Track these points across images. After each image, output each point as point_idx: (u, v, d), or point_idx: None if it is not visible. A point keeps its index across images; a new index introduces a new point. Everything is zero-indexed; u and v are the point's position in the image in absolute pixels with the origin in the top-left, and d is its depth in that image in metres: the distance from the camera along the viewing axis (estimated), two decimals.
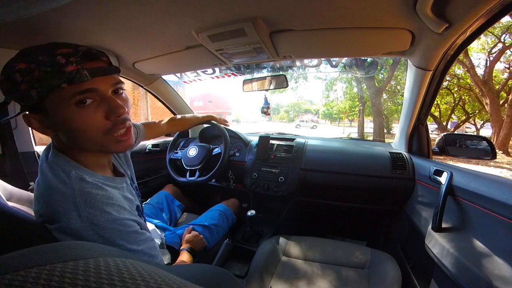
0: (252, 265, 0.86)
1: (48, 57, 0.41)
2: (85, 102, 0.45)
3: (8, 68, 0.42)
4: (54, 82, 0.41)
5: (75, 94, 0.43)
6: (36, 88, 0.41)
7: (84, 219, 0.44)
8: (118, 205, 0.49)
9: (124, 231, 0.48)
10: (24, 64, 0.41)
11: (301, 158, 1.24)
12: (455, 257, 0.60)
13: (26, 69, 0.41)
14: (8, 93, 0.44)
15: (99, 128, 0.47)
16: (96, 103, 0.46)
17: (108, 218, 0.46)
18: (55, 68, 0.41)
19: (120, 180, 0.58)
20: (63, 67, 0.41)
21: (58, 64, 0.41)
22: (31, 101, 0.43)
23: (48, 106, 0.44)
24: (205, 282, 0.38)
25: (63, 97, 0.43)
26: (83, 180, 0.48)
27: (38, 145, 1.08)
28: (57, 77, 0.41)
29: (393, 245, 1.14)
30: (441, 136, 1.08)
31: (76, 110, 0.44)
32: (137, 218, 0.54)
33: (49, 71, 0.41)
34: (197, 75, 1.42)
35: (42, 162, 0.52)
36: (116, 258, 0.19)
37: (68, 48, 0.43)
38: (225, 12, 0.66)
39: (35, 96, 0.42)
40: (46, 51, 0.42)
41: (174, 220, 1.19)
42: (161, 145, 1.61)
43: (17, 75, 0.41)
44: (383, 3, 0.60)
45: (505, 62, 7.64)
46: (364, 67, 2.78)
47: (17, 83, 0.41)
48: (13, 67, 0.41)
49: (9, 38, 0.77)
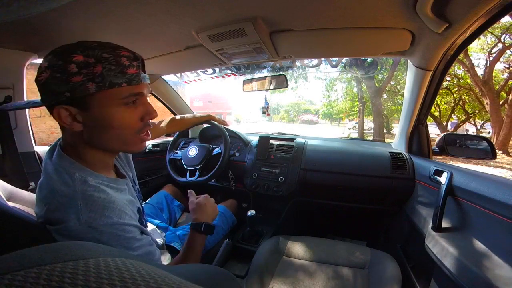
0: (252, 265, 0.86)
1: (113, 56, 0.44)
2: (134, 102, 0.49)
3: (60, 57, 0.42)
4: (117, 80, 0.44)
5: (130, 94, 0.47)
6: (97, 82, 0.43)
7: (83, 222, 0.44)
8: (119, 209, 0.49)
9: (122, 236, 0.48)
10: (82, 57, 0.42)
11: (301, 158, 1.24)
12: (455, 257, 0.60)
13: (83, 62, 0.42)
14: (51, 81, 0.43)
15: (134, 127, 0.51)
16: (137, 104, 0.50)
17: (107, 222, 0.46)
18: (119, 68, 0.44)
19: (122, 182, 0.58)
20: (126, 68, 0.45)
21: (122, 65, 0.45)
22: (81, 93, 0.43)
23: (95, 101, 0.45)
24: (205, 282, 0.38)
25: (119, 95, 0.46)
26: (86, 183, 0.48)
27: (38, 145, 1.08)
28: (121, 76, 0.45)
29: (393, 245, 1.14)
30: (441, 136, 1.08)
31: (123, 108, 0.48)
32: (137, 223, 0.54)
33: (113, 69, 0.44)
34: (197, 75, 1.42)
35: (46, 163, 0.52)
36: (116, 258, 0.19)
37: (128, 52, 0.47)
38: (225, 12, 0.66)
39: (92, 90, 0.43)
40: (110, 50, 0.45)
41: (173, 220, 1.19)
42: (161, 145, 1.62)
43: (72, 66, 0.42)
44: (383, 3, 0.60)
45: (505, 62, 7.64)
46: (364, 67, 2.78)
47: (70, 73, 0.42)
48: (69, 58, 0.42)
49: (9, 38, 0.77)
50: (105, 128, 0.48)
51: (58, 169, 0.48)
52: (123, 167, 0.67)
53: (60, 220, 0.45)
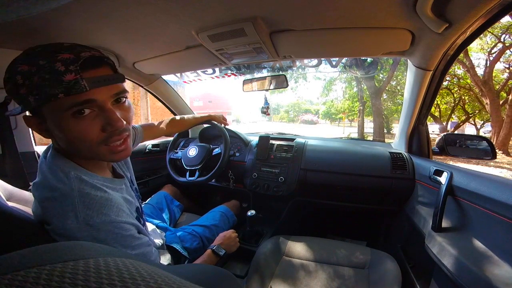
0: (252, 265, 0.86)
1: (48, 62, 0.39)
2: (83, 112, 0.42)
3: (11, 68, 0.41)
4: (51, 91, 0.39)
5: (72, 105, 0.41)
6: (34, 95, 0.39)
7: (80, 220, 0.44)
8: (117, 207, 0.49)
9: (120, 234, 0.47)
10: (26, 66, 0.39)
11: (301, 158, 1.24)
12: (455, 257, 0.60)
13: (27, 72, 0.39)
14: (9, 93, 0.43)
15: (93, 139, 0.45)
16: (94, 113, 0.44)
17: (104, 220, 0.46)
18: (54, 76, 0.39)
19: (119, 181, 0.57)
20: (62, 75, 0.39)
21: (56, 72, 0.39)
22: (29, 106, 0.41)
23: (45, 112, 0.43)
24: (205, 282, 0.38)
25: (60, 107, 0.41)
26: (82, 181, 0.47)
27: (38, 145, 1.08)
28: (55, 86, 0.39)
29: (393, 245, 1.14)
30: (441, 136, 1.08)
31: (72, 120, 0.42)
32: (135, 221, 0.53)
33: (48, 78, 0.38)
34: (197, 75, 1.42)
35: (41, 163, 0.51)
36: (116, 258, 0.19)
37: (69, 53, 0.41)
38: (225, 12, 0.66)
39: (33, 103, 0.40)
40: (47, 54, 0.40)
41: (173, 220, 1.19)
42: (161, 145, 1.62)
43: (19, 77, 0.39)
44: (383, 3, 0.60)
45: (505, 62, 7.64)
46: (364, 67, 2.78)
47: (18, 85, 0.40)
48: (16, 68, 0.40)
49: (9, 38, 0.77)
50: (65, 139, 0.44)
51: (52, 168, 0.48)
52: (120, 167, 0.67)
53: (56, 219, 0.44)
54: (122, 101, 0.49)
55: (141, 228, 0.55)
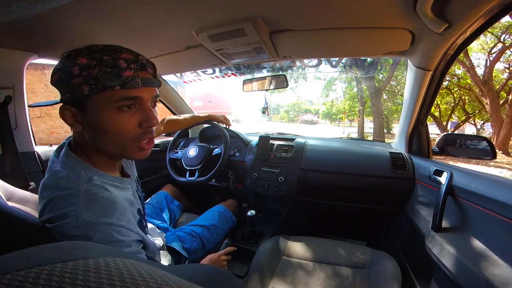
0: (252, 265, 0.86)
1: (112, 58, 0.44)
2: (129, 107, 0.47)
3: (67, 60, 0.44)
4: (109, 83, 0.43)
5: (123, 98, 0.46)
6: (91, 85, 0.43)
7: (80, 220, 0.44)
8: (120, 210, 0.49)
9: (116, 238, 0.47)
10: (85, 59, 0.43)
11: (301, 158, 1.24)
12: (455, 257, 0.60)
13: (85, 65, 0.43)
14: (57, 83, 0.46)
15: (129, 134, 0.49)
16: (135, 109, 0.49)
17: (105, 221, 0.46)
18: (115, 70, 0.44)
19: (127, 181, 0.58)
20: (122, 71, 0.44)
21: (118, 67, 0.44)
22: (77, 95, 0.44)
23: (90, 103, 0.46)
24: (205, 282, 0.38)
25: (112, 98, 0.45)
26: (91, 181, 0.48)
27: (38, 145, 1.08)
28: (113, 79, 0.44)
29: (393, 245, 1.14)
30: (441, 136, 1.08)
31: (116, 113, 0.46)
32: (136, 228, 0.53)
33: (109, 72, 0.43)
34: (197, 75, 1.42)
35: (52, 162, 0.52)
36: (116, 258, 0.19)
37: (130, 54, 0.46)
38: (225, 12, 0.66)
39: (86, 92, 0.44)
40: (111, 52, 0.45)
41: (173, 220, 1.19)
42: (161, 145, 1.61)
43: (75, 68, 0.43)
44: (383, 3, 0.60)
45: (505, 62, 7.64)
46: (364, 67, 2.78)
47: (72, 75, 0.43)
48: (74, 60, 0.44)
49: (9, 38, 0.77)
50: (100, 131, 0.47)
51: (64, 167, 0.49)
52: (129, 167, 0.68)
53: (59, 218, 0.44)
54: (155, 106, 0.54)
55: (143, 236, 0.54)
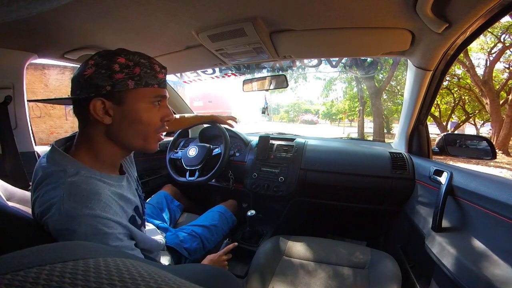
0: (252, 265, 0.86)
1: (148, 62, 0.54)
2: (159, 103, 0.57)
3: (110, 57, 0.51)
4: (151, 81, 0.53)
5: (158, 95, 0.55)
6: (136, 80, 0.51)
7: (63, 212, 0.43)
8: (105, 202, 0.48)
9: (102, 230, 0.46)
10: (124, 59, 0.51)
11: (301, 158, 1.24)
12: (455, 257, 0.60)
13: (124, 64, 0.51)
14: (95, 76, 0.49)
15: (155, 125, 0.57)
16: (160, 106, 0.57)
17: (88, 213, 0.45)
18: (153, 72, 0.54)
19: (119, 178, 0.57)
20: (158, 73, 0.55)
21: (155, 70, 0.54)
22: (121, 88, 0.50)
23: (130, 96, 0.52)
24: (205, 282, 0.38)
25: (150, 94, 0.54)
26: (75, 174, 0.48)
27: (38, 145, 1.08)
28: (153, 79, 0.54)
29: (393, 245, 1.14)
30: (441, 136, 1.08)
31: (151, 106, 0.55)
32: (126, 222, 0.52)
33: (149, 72, 0.53)
34: (197, 75, 1.42)
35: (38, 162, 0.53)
36: (116, 258, 0.19)
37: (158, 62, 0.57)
38: (225, 12, 0.66)
39: (131, 86, 0.51)
40: (145, 57, 0.54)
41: (173, 220, 1.19)
42: (161, 145, 1.61)
43: (116, 65, 0.50)
44: (383, 3, 0.60)
45: (505, 62, 7.64)
46: (364, 67, 2.78)
47: (114, 71, 0.50)
48: (115, 59, 0.50)
49: (9, 38, 0.77)
50: (133, 122, 0.54)
51: (50, 163, 0.50)
52: (128, 167, 0.68)
53: (44, 212, 0.45)
54: None
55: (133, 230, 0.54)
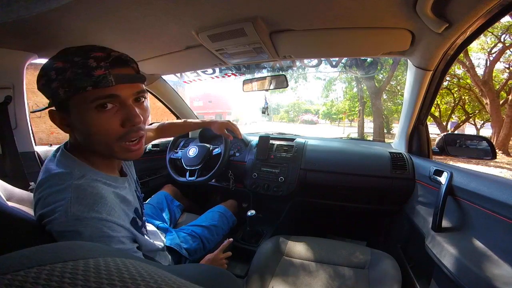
0: (252, 265, 0.86)
1: (82, 59, 0.44)
2: (106, 106, 0.46)
3: (47, 65, 0.45)
4: (81, 84, 0.43)
5: (97, 98, 0.45)
6: (65, 88, 0.44)
7: (69, 215, 0.43)
8: (110, 205, 0.48)
9: (107, 233, 0.46)
10: (61, 63, 0.44)
11: (301, 158, 1.24)
12: (455, 257, 0.60)
13: (61, 68, 0.43)
14: (42, 88, 0.46)
15: (113, 134, 0.48)
16: (116, 108, 0.47)
17: (95, 216, 0.45)
18: (85, 70, 0.43)
19: (122, 180, 0.57)
20: (93, 70, 0.43)
21: (88, 67, 0.43)
22: (58, 99, 0.45)
23: (71, 106, 0.46)
24: (205, 282, 0.38)
25: (86, 99, 0.44)
26: (82, 177, 0.48)
27: (38, 145, 1.08)
28: (85, 80, 0.43)
29: (393, 245, 1.14)
30: (441, 136, 1.08)
31: (95, 113, 0.45)
32: (129, 225, 0.52)
33: (80, 73, 0.43)
34: (197, 75, 1.42)
35: (48, 161, 0.52)
36: (116, 258, 0.19)
37: (101, 52, 0.45)
38: (225, 12, 0.66)
39: (62, 95, 0.44)
40: (82, 52, 0.44)
41: (173, 221, 1.19)
42: (161, 145, 1.62)
43: (53, 72, 0.44)
44: (383, 3, 0.60)
45: (505, 62, 7.63)
46: (364, 67, 2.78)
47: (51, 80, 0.44)
48: (52, 65, 0.44)
49: (9, 38, 0.77)
50: (86, 133, 0.48)
51: (58, 165, 0.49)
52: (128, 167, 0.67)
53: (47, 214, 0.44)
54: (141, 101, 0.52)
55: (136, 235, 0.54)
